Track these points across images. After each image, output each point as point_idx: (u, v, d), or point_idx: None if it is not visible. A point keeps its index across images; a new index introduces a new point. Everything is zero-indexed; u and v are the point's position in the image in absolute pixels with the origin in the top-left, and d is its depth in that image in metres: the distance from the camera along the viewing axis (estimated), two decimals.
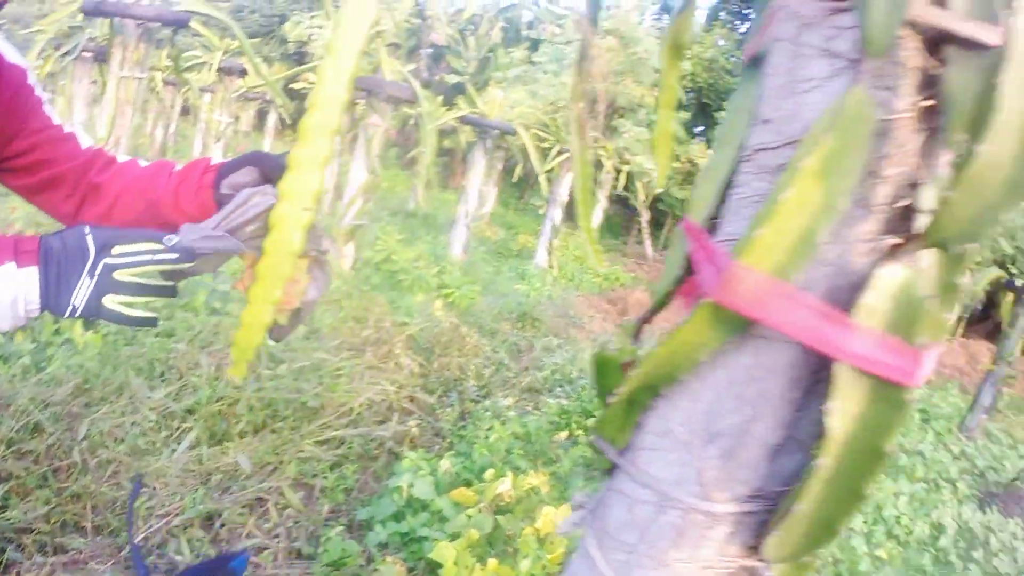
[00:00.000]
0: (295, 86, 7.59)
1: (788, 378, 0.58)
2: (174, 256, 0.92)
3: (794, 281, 0.53)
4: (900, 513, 4.82)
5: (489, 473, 2.81)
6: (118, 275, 0.90)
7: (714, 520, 0.65)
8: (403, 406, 3.97)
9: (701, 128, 16.47)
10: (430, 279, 6.72)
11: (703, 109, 15.80)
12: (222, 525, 2.63)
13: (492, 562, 2.23)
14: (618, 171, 14.32)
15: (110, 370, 3.27)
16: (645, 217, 15.47)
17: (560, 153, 10.85)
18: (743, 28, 16.76)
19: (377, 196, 13.83)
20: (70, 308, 0.91)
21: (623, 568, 0.73)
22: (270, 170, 1.05)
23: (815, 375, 0.57)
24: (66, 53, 6.76)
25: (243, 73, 8.83)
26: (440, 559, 2.22)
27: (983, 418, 7.74)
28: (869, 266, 0.53)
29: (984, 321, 14.72)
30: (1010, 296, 7.91)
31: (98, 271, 0.90)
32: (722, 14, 17.55)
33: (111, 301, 0.91)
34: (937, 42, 0.55)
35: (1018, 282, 9.75)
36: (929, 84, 0.55)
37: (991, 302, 14.37)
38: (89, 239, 0.91)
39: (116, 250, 0.91)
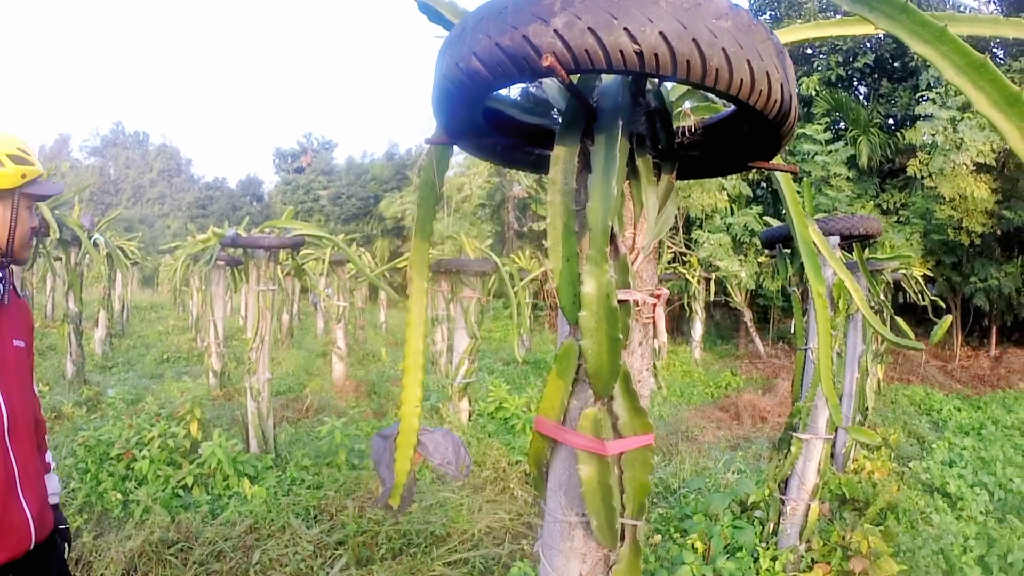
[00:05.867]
0: (400, 264, 8.92)
1: (574, 455, 1.40)
2: None
3: (562, 419, 1.37)
4: None
5: None
6: None
7: (571, 525, 1.45)
8: (518, 530, 4.71)
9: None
10: None
11: (776, 196, 15.98)
12: None
13: None
14: (707, 279, 14.80)
15: (274, 514, 4.27)
16: (747, 316, 15.74)
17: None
18: None
19: (491, 349, 14.81)
20: None
21: (551, 558, 1.52)
22: None
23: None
24: (204, 262, 8.27)
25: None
26: None
27: None
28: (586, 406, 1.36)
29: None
30: None
31: None
32: None
33: None
34: None
35: None
36: None
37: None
38: None
39: None
